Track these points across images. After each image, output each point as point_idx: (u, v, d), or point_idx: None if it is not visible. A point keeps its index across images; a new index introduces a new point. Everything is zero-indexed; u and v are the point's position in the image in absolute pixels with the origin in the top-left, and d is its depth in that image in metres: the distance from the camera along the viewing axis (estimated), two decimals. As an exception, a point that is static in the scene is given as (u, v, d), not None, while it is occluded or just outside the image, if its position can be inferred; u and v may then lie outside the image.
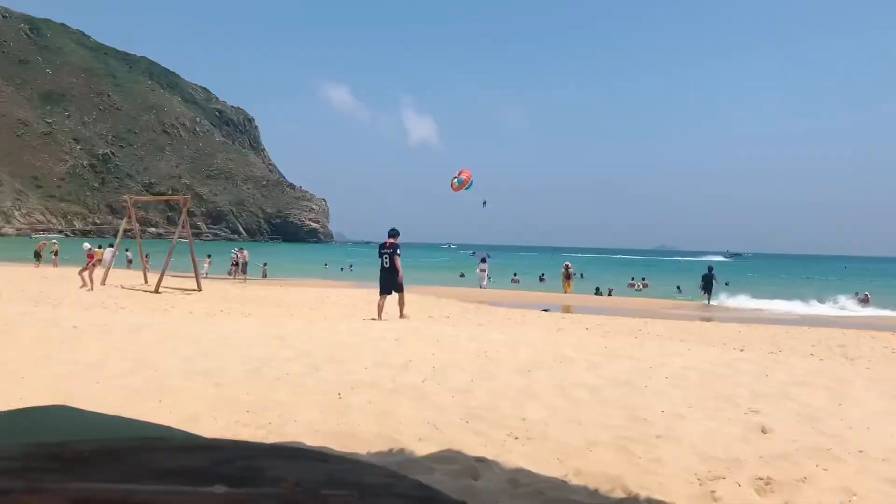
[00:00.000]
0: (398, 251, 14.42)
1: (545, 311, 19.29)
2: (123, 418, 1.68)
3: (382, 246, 14.65)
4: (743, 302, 28.78)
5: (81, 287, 19.43)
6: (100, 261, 21.97)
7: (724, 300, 29.21)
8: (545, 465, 4.06)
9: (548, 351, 8.80)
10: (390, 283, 14.32)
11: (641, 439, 4.64)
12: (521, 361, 7.78)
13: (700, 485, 3.82)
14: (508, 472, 3.84)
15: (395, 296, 14.35)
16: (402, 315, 14.19)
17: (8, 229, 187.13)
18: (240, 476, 0.77)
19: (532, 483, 3.66)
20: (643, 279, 43.21)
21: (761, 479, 3.90)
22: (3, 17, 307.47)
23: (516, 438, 4.59)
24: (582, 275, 39.22)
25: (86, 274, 20.08)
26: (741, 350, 10.49)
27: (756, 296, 30.69)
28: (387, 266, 14.27)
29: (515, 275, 42.21)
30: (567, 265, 31.05)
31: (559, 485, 3.68)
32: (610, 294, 31.90)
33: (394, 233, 14.59)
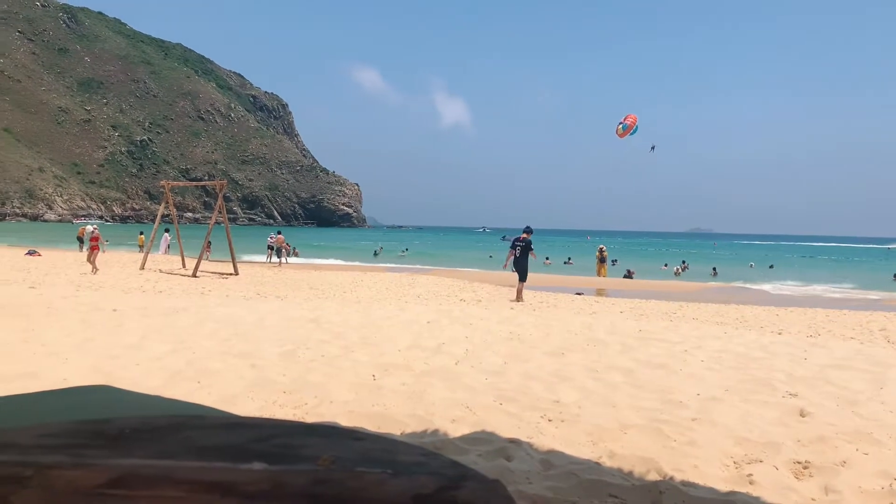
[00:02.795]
0: (531, 246, 16.63)
1: (578, 294, 19.18)
2: (163, 398, 1.72)
3: (517, 239, 16.74)
4: (783, 285, 28.32)
5: (93, 272, 19.42)
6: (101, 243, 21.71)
7: (765, 283, 28.74)
8: (578, 446, 4.05)
9: (581, 334, 8.77)
10: (526, 270, 16.39)
11: (676, 422, 4.60)
12: (554, 344, 7.77)
13: (736, 468, 3.78)
14: (541, 454, 3.85)
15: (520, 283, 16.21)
16: (519, 298, 15.95)
17: (50, 215, 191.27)
18: (277, 453, 0.79)
19: (565, 464, 3.66)
20: (683, 262, 42.45)
21: (799, 462, 3.86)
22: (43, 6, 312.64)
23: (549, 420, 4.59)
24: (614, 261, 38.69)
25: (93, 257, 20.19)
26: (779, 333, 10.33)
27: (798, 279, 30.17)
28: (519, 256, 16.45)
29: (547, 258, 41.93)
30: (601, 248, 30.77)
31: (593, 466, 3.68)
32: (630, 276, 31.43)
33: (528, 229, 16.87)
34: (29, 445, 0.76)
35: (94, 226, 23.02)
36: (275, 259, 33.87)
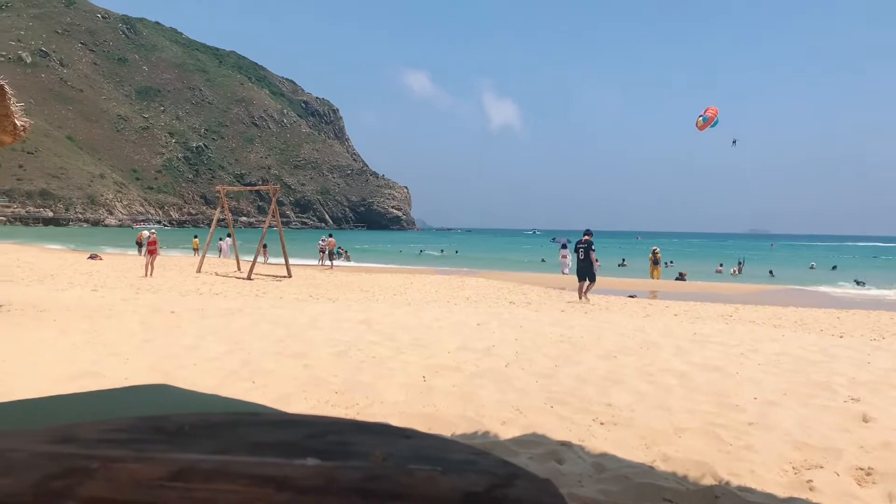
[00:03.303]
0: (593, 246, 17.17)
1: (631, 296, 18.93)
2: (219, 397, 1.76)
3: (579, 242, 17.42)
4: (844, 287, 27.43)
5: (150, 275, 19.94)
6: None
7: (826, 285, 27.87)
8: (631, 450, 4.00)
9: (634, 337, 8.65)
10: (586, 271, 16.93)
11: (732, 426, 4.50)
12: (606, 347, 7.68)
13: (795, 473, 3.68)
14: (593, 457, 3.81)
15: (586, 281, 16.85)
16: (583, 296, 16.60)
17: (111, 220, 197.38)
18: (330, 450, 0.80)
19: (618, 468, 3.61)
20: (739, 262, 41.32)
21: (861, 469, 3.73)
22: (104, 18, 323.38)
23: (601, 423, 4.54)
24: (667, 263, 37.92)
25: (150, 260, 20.74)
26: (840, 337, 10.02)
27: (861, 280, 29.18)
28: (582, 258, 17.05)
29: (597, 260, 41.33)
30: (655, 250, 30.28)
31: (646, 470, 3.62)
32: (682, 278, 30.77)
33: (588, 232, 17.56)
34: (94, 439, 0.79)
35: (152, 230, 23.66)
36: (326, 262, 34.34)
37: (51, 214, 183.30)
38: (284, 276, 22.76)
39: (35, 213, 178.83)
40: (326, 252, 34.68)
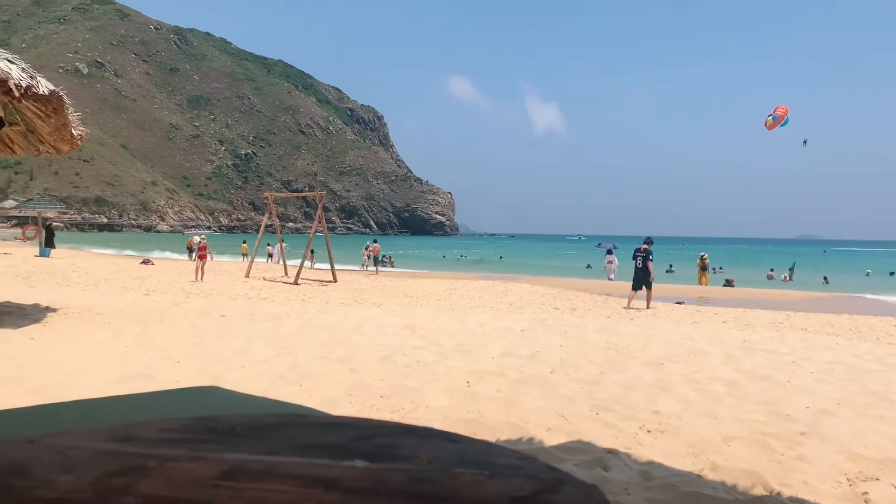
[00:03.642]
0: (650, 255, 16.89)
1: (679, 303, 18.63)
2: (268, 399, 1.80)
3: (637, 250, 17.22)
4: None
5: (200, 280, 20.35)
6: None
7: (881, 293, 26.95)
8: (679, 458, 3.93)
9: (681, 344, 8.51)
10: (642, 280, 16.68)
11: (783, 435, 4.40)
12: (653, 354, 7.57)
13: (850, 485, 3.57)
14: (640, 465, 3.76)
15: (643, 290, 16.66)
16: (648, 306, 16.20)
17: (162, 226, 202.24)
18: (377, 452, 0.81)
19: (665, 476, 3.56)
20: (790, 268, 40.23)
21: (921, 482, 3.60)
22: (156, 29, 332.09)
23: (648, 431, 4.48)
24: (715, 269, 37.12)
25: (199, 265, 21.15)
26: (898, 345, 9.69)
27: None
28: (640, 266, 16.83)
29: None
30: (703, 256, 29.73)
31: (694, 479, 3.56)
32: (730, 284, 30.07)
33: (648, 240, 17.33)
34: (150, 439, 0.81)
35: (203, 236, 24.14)
36: (371, 267, 34.62)
37: (105, 220, 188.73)
38: (330, 281, 23.00)
39: (90, 220, 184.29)
40: (371, 257, 34.99)
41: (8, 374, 5.32)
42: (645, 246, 17.09)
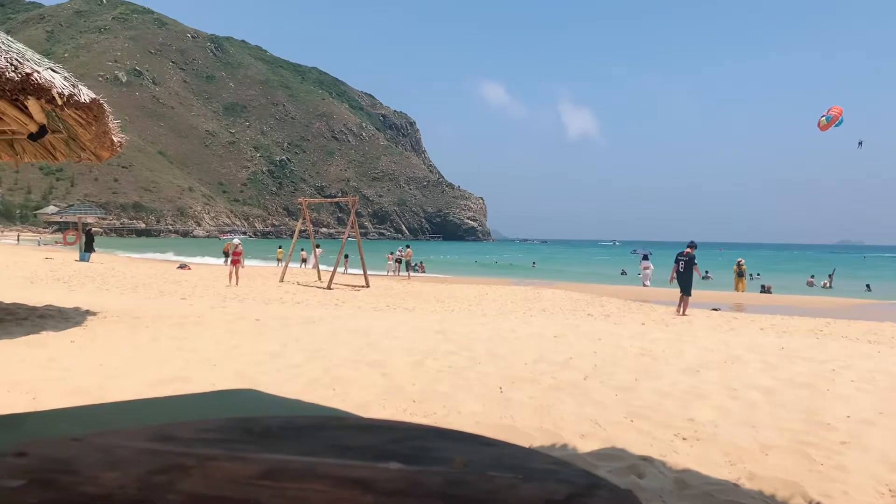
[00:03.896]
0: (695, 261, 16.98)
1: (715, 310, 18.37)
2: (303, 402, 1.81)
3: (681, 254, 17.21)
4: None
5: (236, 284, 20.57)
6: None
7: None
8: (715, 467, 3.87)
9: (717, 351, 8.39)
10: (687, 284, 16.73)
11: (823, 445, 4.30)
12: (688, 361, 7.47)
13: (892, 496, 3.49)
14: (675, 473, 3.71)
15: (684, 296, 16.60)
16: (684, 313, 15.98)
17: (199, 231, 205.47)
18: (412, 455, 0.82)
19: (700, 485, 3.51)
20: (830, 275, 39.30)
21: (968, 495, 3.50)
22: (193, 38, 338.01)
23: (684, 439, 4.42)
24: (752, 275, 36.43)
25: (233, 269, 21.37)
26: (943, 354, 9.42)
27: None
28: (682, 270, 16.90)
29: (673, 273, 39.84)
30: (739, 262, 29.28)
31: (730, 488, 3.50)
32: (767, 291, 29.49)
33: (692, 244, 17.32)
34: (191, 439, 0.83)
35: (239, 241, 24.46)
36: (403, 272, 34.74)
37: (143, 226, 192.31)
38: (363, 286, 23.13)
39: (129, 225, 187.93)
40: (403, 262, 35.11)
41: (51, 375, 5.45)
42: (688, 250, 17.09)
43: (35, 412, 1.49)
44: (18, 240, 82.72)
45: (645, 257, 32.51)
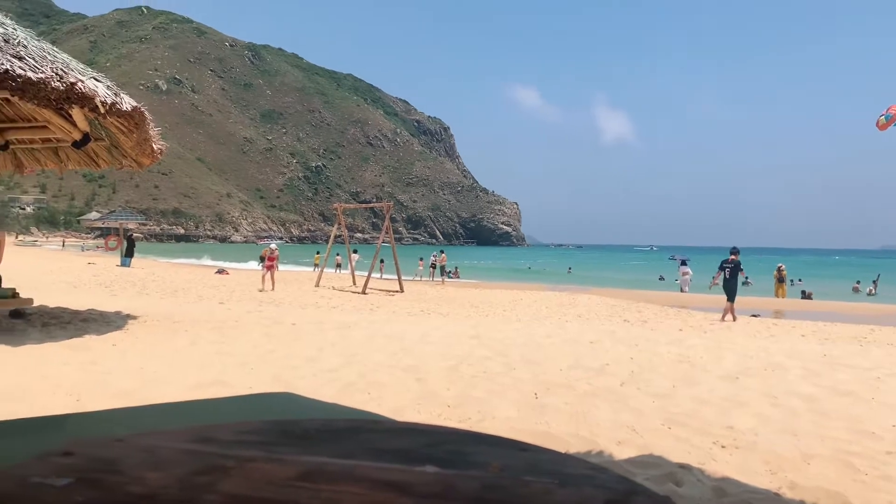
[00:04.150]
0: (741, 266, 17.14)
1: (754, 316, 18.07)
2: (339, 405, 1.83)
3: (725, 261, 17.23)
4: None
5: (271, 288, 20.76)
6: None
7: None
8: (755, 475, 3.80)
9: (757, 358, 8.24)
10: (733, 290, 16.77)
11: (867, 454, 4.20)
12: (727, 368, 7.35)
13: (941, 509, 3.38)
14: (714, 481, 3.65)
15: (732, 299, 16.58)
16: (723, 319, 16.07)
17: (237, 237, 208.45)
18: (447, 458, 0.82)
19: (740, 493, 3.44)
20: (874, 281, 38.25)
21: None
22: (231, 46, 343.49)
23: (722, 447, 4.35)
24: (793, 281, 35.65)
25: (267, 275, 21.55)
26: None
27: None
28: (728, 278, 16.92)
29: (714, 278, 39.14)
30: (780, 267, 28.72)
31: (771, 497, 3.43)
32: (808, 297, 28.84)
33: (735, 250, 17.37)
34: (230, 440, 0.84)
35: (275, 245, 24.72)
36: (437, 277, 34.80)
37: (182, 231, 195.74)
38: (397, 291, 23.22)
39: (168, 230, 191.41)
40: (437, 267, 35.18)
41: (93, 378, 5.57)
42: (733, 257, 17.12)
43: (79, 413, 1.52)
44: (63, 245, 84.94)
45: (683, 262, 32.11)
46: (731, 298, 16.55)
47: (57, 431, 1.30)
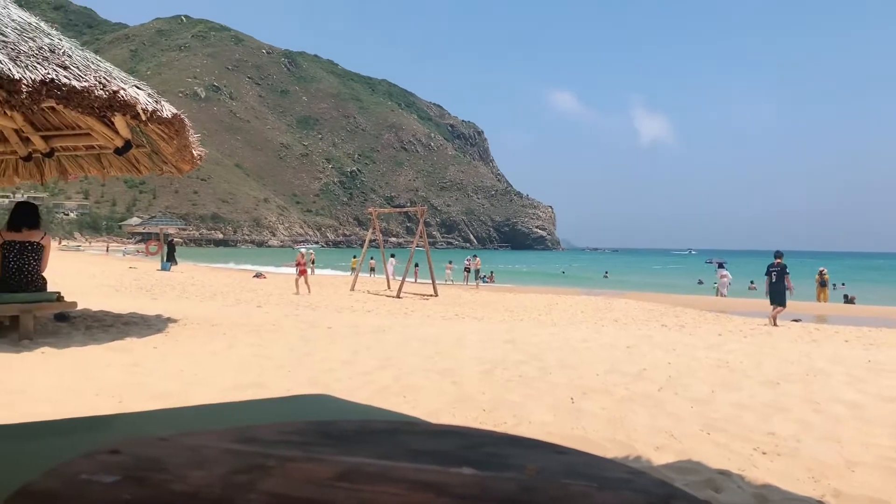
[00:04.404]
0: (787, 270, 16.94)
1: (795, 321, 17.72)
2: (375, 408, 1.84)
3: (771, 265, 17.21)
4: None
5: (304, 292, 20.98)
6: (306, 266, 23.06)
7: None
8: (797, 483, 3.73)
9: (799, 363, 8.08)
10: (780, 295, 16.69)
11: (916, 463, 4.08)
12: (768, 373, 7.22)
13: None
14: (754, 488, 3.59)
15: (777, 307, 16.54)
16: (775, 324, 15.94)
17: (273, 241, 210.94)
18: (484, 460, 0.82)
19: (781, 500, 3.38)
20: None
21: None
22: (268, 53, 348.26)
23: (764, 453, 4.27)
24: (835, 285, 34.85)
25: (300, 279, 21.77)
26: None
27: None
28: (775, 282, 16.83)
29: (752, 282, 38.51)
30: (822, 271, 28.12)
31: (814, 506, 3.36)
32: (850, 301, 28.15)
33: (779, 254, 17.37)
34: (271, 440, 0.86)
35: (302, 251, 24.95)
36: (472, 281, 34.78)
37: (221, 236, 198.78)
38: (431, 295, 23.27)
39: (207, 235, 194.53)
40: (472, 271, 35.17)
41: (136, 380, 5.68)
42: (778, 261, 17.11)
43: (122, 414, 1.56)
44: (108, 249, 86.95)
45: (721, 265, 31.67)
46: (781, 302, 16.58)
47: (102, 431, 1.34)
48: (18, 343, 7.36)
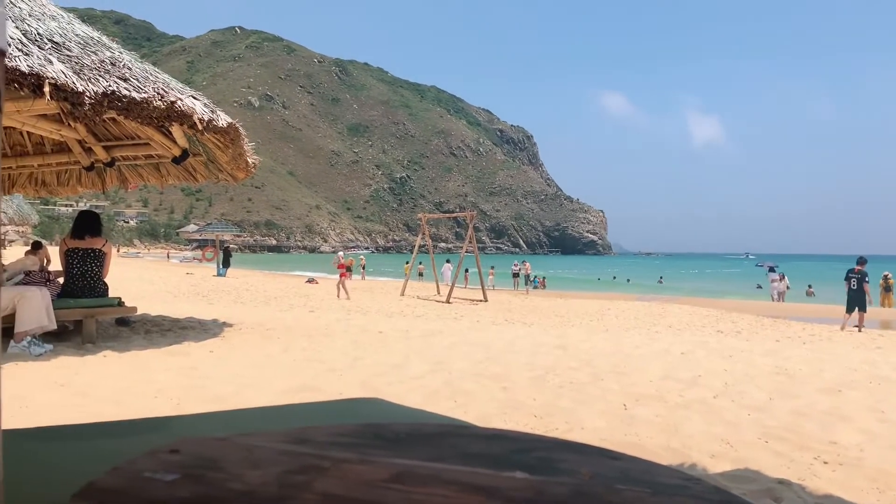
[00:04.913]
0: (866, 277, 16.89)
1: (857, 328, 17.14)
2: (427, 412, 1.85)
3: (851, 270, 17.11)
4: None
5: (345, 297, 21.07)
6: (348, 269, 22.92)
7: None
8: (860, 493, 3.60)
9: (861, 370, 7.81)
10: (858, 302, 16.63)
11: None
12: (828, 380, 7.00)
13: None
14: (815, 498, 3.48)
15: (856, 313, 16.61)
16: (860, 329, 15.95)
17: (325, 247, 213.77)
18: (537, 465, 0.82)
19: (845, 513, 3.27)
20: None
21: None
22: (319, 62, 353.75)
23: (825, 463, 4.13)
24: None
25: (340, 284, 21.85)
26: None
27: None
28: (854, 288, 16.80)
29: (810, 286, 37.28)
30: (886, 275, 27.12)
31: (879, 518, 3.24)
32: None
33: (862, 260, 17.30)
34: (325, 442, 0.87)
35: (341, 254, 25.13)
36: (522, 287, 34.63)
37: (274, 242, 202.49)
38: (480, 301, 23.25)
39: (261, 241, 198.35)
40: (521, 276, 35.02)
41: (193, 383, 5.82)
42: (859, 267, 17.00)
43: (180, 415, 1.60)
44: (168, 256, 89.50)
45: (772, 269, 30.89)
46: (862, 308, 16.50)
47: (162, 431, 1.38)
48: (82, 346, 7.62)
